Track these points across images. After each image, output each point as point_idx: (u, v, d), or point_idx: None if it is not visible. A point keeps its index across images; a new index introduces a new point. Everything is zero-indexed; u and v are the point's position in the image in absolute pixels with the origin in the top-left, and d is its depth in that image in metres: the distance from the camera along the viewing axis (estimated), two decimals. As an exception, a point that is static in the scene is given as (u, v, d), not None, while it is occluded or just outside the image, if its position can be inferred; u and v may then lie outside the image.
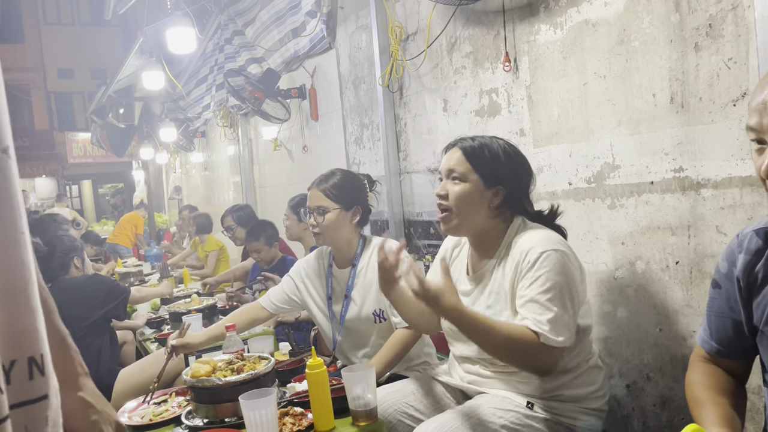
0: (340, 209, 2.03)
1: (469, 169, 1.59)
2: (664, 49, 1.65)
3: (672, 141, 1.67)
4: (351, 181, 2.09)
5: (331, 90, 3.74)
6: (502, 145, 1.63)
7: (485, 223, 1.61)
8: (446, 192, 1.61)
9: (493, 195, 1.59)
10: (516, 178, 1.63)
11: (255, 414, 1.43)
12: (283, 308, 2.20)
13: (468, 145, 1.62)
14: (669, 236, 1.71)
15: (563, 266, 1.47)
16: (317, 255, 2.22)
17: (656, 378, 1.79)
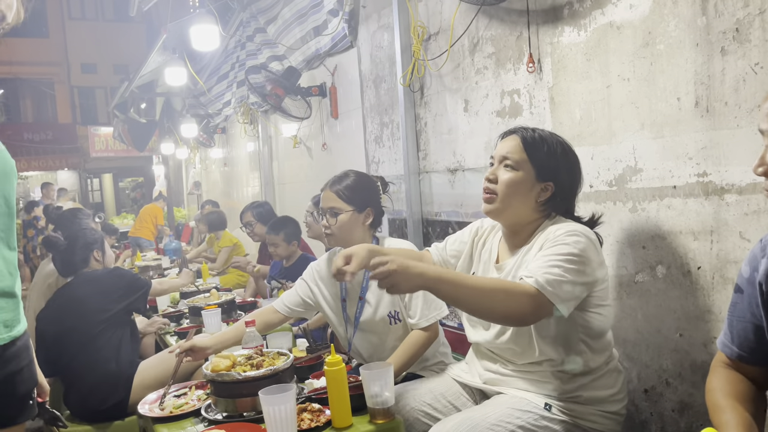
0: (353, 211, 2.04)
1: (524, 159, 1.58)
2: (690, 52, 1.64)
3: (696, 145, 1.65)
4: (364, 182, 2.10)
5: (351, 88, 3.76)
6: (560, 141, 1.63)
7: (527, 215, 1.60)
8: (495, 177, 1.60)
9: (542, 189, 1.59)
10: (568, 177, 1.62)
11: (274, 409, 1.45)
12: (297, 311, 2.20)
13: (528, 134, 1.62)
14: (691, 241, 1.69)
15: (585, 249, 1.46)
16: (329, 256, 2.23)
17: (675, 383, 1.78)
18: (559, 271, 1.41)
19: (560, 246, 1.46)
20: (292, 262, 3.39)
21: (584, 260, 1.45)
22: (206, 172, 8.95)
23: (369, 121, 3.54)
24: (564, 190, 1.60)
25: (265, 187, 5.73)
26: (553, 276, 1.40)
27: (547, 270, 1.41)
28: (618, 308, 1.94)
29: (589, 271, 1.47)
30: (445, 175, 2.85)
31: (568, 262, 1.43)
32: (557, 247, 1.46)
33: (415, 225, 3.05)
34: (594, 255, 1.49)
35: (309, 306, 2.22)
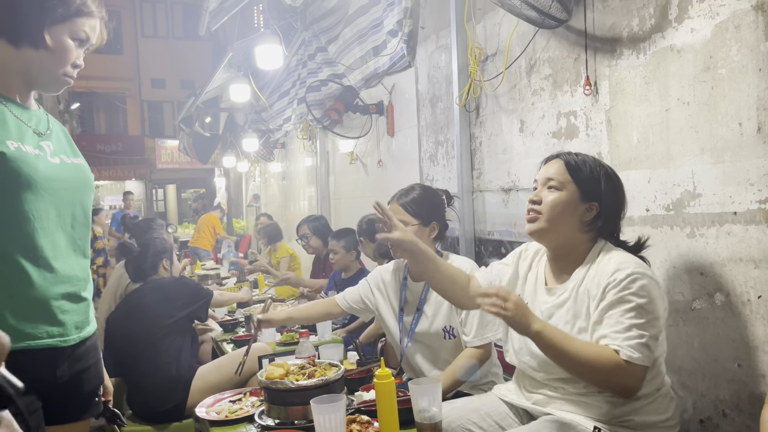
0: (419, 225, 2.09)
1: (567, 179, 1.61)
2: (753, 77, 1.62)
3: (758, 171, 1.62)
4: (430, 196, 2.15)
5: (408, 107, 3.82)
6: (603, 164, 1.66)
7: (572, 236, 1.61)
8: (540, 198, 1.63)
9: (586, 209, 1.60)
10: (613, 198, 1.63)
11: (325, 418, 1.50)
12: (354, 308, 2.29)
13: (571, 158, 1.65)
14: (752, 269, 1.65)
15: (650, 291, 1.47)
16: (395, 266, 2.29)
17: (732, 415, 1.73)
18: (638, 332, 1.43)
19: (626, 299, 1.46)
20: (350, 275, 3.47)
21: (653, 306, 1.47)
22: (265, 185, 9.20)
23: (424, 140, 3.59)
24: (609, 210, 1.61)
25: (321, 201, 5.85)
26: (636, 341, 1.42)
27: (626, 337, 1.42)
28: (674, 335, 1.90)
29: (660, 314, 1.49)
30: (498, 194, 2.86)
31: (640, 316, 1.44)
32: (624, 303, 1.46)
33: (467, 243, 3.07)
34: (657, 292, 1.49)
35: (367, 307, 2.29)
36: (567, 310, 1.58)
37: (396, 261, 2.29)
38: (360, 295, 2.28)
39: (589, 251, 1.61)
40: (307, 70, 5.43)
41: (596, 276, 1.53)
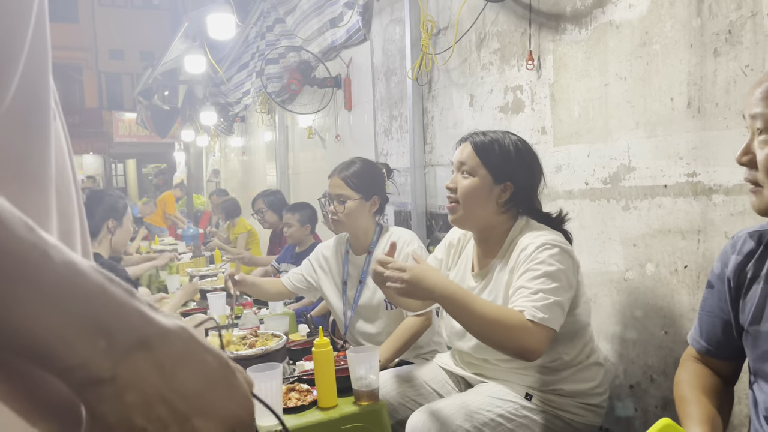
0: (360, 199, 2.10)
1: (478, 164, 1.61)
2: (684, 53, 1.66)
3: (687, 145, 1.67)
4: (371, 170, 2.15)
5: (364, 81, 3.80)
6: (513, 140, 1.64)
7: (492, 218, 1.63)
8: (455, 185, 1.64)
9: (501, 191, 1.61)
10: (526, 175, 1.64)
11: (261, 386, 1.51)
12: (300, 288, 2.31)
13: (479, 140, 1.64)
14: (679, 240, 1.71)
15: (560, 259, 1.47)
16: (336, 241, 2.30)
17: (659, 380, 1.80)
18: (543, 294, 1.42)
19: (534, 268, 1.46)
20: (304, 248, 3.47)
21: (562, 274, 1.46)
22: (225, 160, 9.07)
23: (379, 114, 3.58)
24: (523, 187, 1.61)
25: (281, 176, 5.81)
26: (541, 302, 1.40)
27: (534, 299, 1.41)
28: (608, 305, 1.96)
29: (569, 282, 1.48)
30: (449, 169, 2.87)
31: (546, 282, 1.43)
32: (531, 270, 1.46)
33: (419, 217, 3.09)
34: (569, 262, 1.49)
35: (311, 285, 2.30)
36: (489, 292, 1.61)
37: (337, 236, 2.30)
38: (303, 275, 2.29)
39: (509, 231, 1.63)
40: (265, 42, 5.34)
41: (516, 254, 1.56)
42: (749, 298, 1.07)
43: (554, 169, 2.13)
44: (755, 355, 1.06)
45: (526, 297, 1.43)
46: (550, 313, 1.40)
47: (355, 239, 2.19)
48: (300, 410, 1.61)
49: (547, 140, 2.18)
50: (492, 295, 1.60)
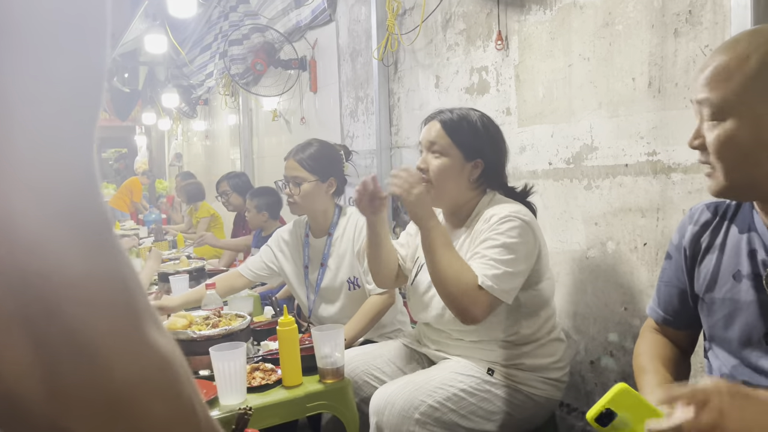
0: (316, 181, 2.07)
1: (449, 143, 1.61)
2: (646, 33, 1.68)
3: (647, 125, 1.70)
4: (327, 151, 2.13)
5: (330, 62, 3.76)
6: (479, 116, 1.65)
7: (463, 195, 1.64)
8: (426, 166, 1.64)
9: (472, 168, 1.62)
10: (494, 151, 1.65)
11: (224, 365, 1.49)
12: (260, 275, 2.27)
13: (447, 118, 1.64)
14: (639, 218, 1.75)
15: (520, 232, 1.49)
16: (295, 225, 2.28)
17: (618, 355, 1.85)
18: (497, 265, 1.44)
19: (494, 237, 1.48)
20: (269, 233, 3.42)
21: (520, 246, 1.48)
22: (188, 144, 8.90)
23: (345, 96, 3.55)
24: (493, 163, 1.63)
25: (245, 160, 5.72)
26: (494, 271, 1.44)
27: (488, 267, 1.44)
28: (570, 283, 2.00)
29: (528, 254, 1.50)
30: (416, 150, 2.87)
31: (503, 253, 1.46)
32: (491, 240, 1.49)
33: (385, 199, 3.08)
34: (529, 237, 1.51)
35: (272, 271, 2.27)
36: None
37: (295, 219, 2.28)
38: (263, 262, 2.26)
39: (477, 205, 1.64)
40: (228, 23, 5.22)
41: (479, 225, 1.58)
42: (704, 267, 1.10)
43: (519, 150, 2.15)
44: (710, 321, 1.10)
45: (481, 263, 1.46)
46: (500, 284, 1.43)
47: (314, 222, 2.17)
48: (264, 389, 1.60)
49: (511, 121, 2.19)
50: None
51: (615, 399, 0.92)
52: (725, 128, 0.92)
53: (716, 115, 0.93)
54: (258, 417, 1.48)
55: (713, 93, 0.93)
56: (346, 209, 2.16)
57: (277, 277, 2.39)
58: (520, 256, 1.48)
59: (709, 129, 0.95)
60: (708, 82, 0.94)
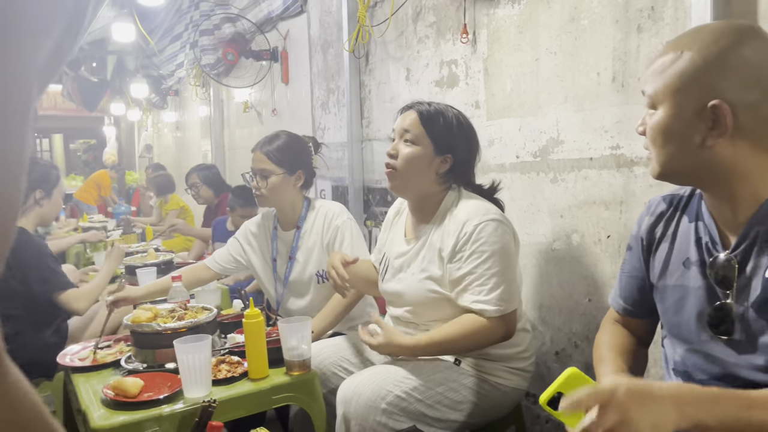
0: (283, 173, 2.06)
1: (422, 133, 1.62)
2: (610, 28, 1.70)
3: (612, 119, 1.73)
4: (295, 144, 2.11)
5: (301, 54, 3.73)
6: (455, 114, 1.66)
7: (428, 188, 1.65)
8: (396, 152, 1.64)
9: (441, 162, 1.63)
10: (465, 148, 1.66)
11: (188, 358, 1.48)
12: (228, 268, 2.25)
13: (424, 109, 1.65)
14: (603, 211, 1.78)
15: (500, 235, 1.52)
16: (263, 217, 2.26)
17: (582, 345, 1.88)
18: (494, 282, 1.50)
19: (479, 250, 1.51)
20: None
21: (506, 247, 1.53)
22: (158, 135, 8.76)
23: (316, 87, 3.53)
24: (462, 161, 1.64)
25: (216, 151, 5.66)
26: (495, 293, 1.49)
27: (487, 292, 1.50)
28: (536, 275, 2.02)
29: (513, 254, 1.56)
30: (386, 143, 2.87)
31: (494, 265, 1.50)
32: (476, 254, 1.51)
33: (356, 192, 3.08)
34: (507, 235, 1.55)
35: (240, 264, 2.25)
36: (422, 259, 1.63)
37: (265, 211, 2.27)
38: (231, 254, 2.24)
39: (443, 200, 1.65)
40: (199, 12, 5.15)
41: (449, 224, 1.58)
42: (658, 256, 1.13)
43: (487, 143, 2.16)
44: (663, 308, 1.13)
45: (479, 289, 1.51)
46: (506, 302, 1.50)
47: (282, 214, 2.16)
48: (230, 382, 1.59)
49: (480, 114, 2.20)
50: (426, 259, 1.62)
51: (566, 383, 0.94)
52: (655, 117, 1.00)
53: (651, 105, 1.01)
54: (223, 409, 1.47)
55: (650, 85, 1.01)
56: (314, 202, 2.15)
57: (244, 270, 2.38)
58: (508, 259, 1.53)
59: (648, 117, 1.02)
60: (650, 74, 1.01)
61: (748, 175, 0.96)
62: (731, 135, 0.93)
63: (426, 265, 1.61)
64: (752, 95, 0.92)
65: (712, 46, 0.94)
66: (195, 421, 1.41)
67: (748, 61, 0.92)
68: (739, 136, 0.94)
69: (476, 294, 1.51)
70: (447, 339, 1.52)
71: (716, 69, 0.93)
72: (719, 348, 1.02)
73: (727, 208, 1.00)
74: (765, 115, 0.94)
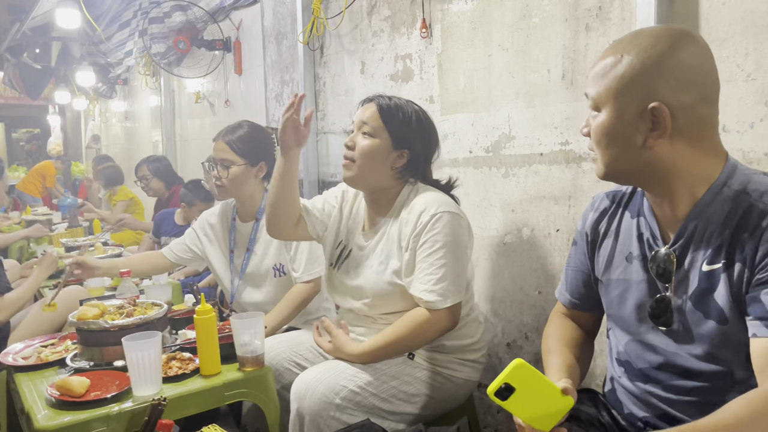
0: (245, 164, 2.04)
1: (381, 127, 1.61)
2: (560, 27, 1.74)
3: (561, 115, 1.77)
4: (258, 135, 2.09)
5: (255, 44, 3.67)
6: (415, 110, 1.66)
7: (384, 181, 1.65)
8: (354, 144, 1.64)
9: (397, 157, 1.63)
10: (423, 144, 1.66)
11: (137, 355, 1.44)
12: (184, 258, 2.22)
13: (384, 102, 1.64)
14: (553, 205, 1.82)
15: (452, 226, 1.54)
16: (222, 208, 2.23)
17: (533, 337, 1.93)
18: (443, 272, 1.51)
19: (431, 239, 1.53)
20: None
21: (457, 240, 1.55)
22: (106, 125, 8.49)
23: (270, 79, 3.49)
24: (419, 157, 1.65)
25: (167, 143, 5.53)
26: (442, 284, 1.51)
27: (434, 282, 1.52)
28: (488, 268, 2.06)
29: (465, 247, 1.58)
30: (341, 136, 2.87)
31: (445, 256, 1.52)
32: (428, 243, 1.53)
33: (311, 186, 3.07)
34: (462, 228, 1.57)
35: (196, 255, 2.22)
36: (381, 251, 1.64)
37: (222, 203, 2.24)
38: (187, 245, 2.21)
39: (399, 194, 1.66)
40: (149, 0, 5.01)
41: (407, 217, 1.59)
42: (602, 251, 1.17)
43: (441, 138, 2.14)
44: (607, 301, 1.17)
45: (427, 279, 1.52)
46: (452, 294, 1.53)
47: (241, 205, 2.14)
48: (181, 379, 1.57)
49: (434, 109, 2.22)
50: (384, 252, 1.62)
51: (512, 374, 0.97)
52: (599, 119, 1.02)
53: (594, 107, 1.04)
54: (174, 407, 1.45)
55: (592, 88, 1.03)
56: None
57: (200, 261, 2.34)
58: (460, 252, 1.55)
59: (592, 119, 1.05)
60: (592, 77, 1.04)
61: (685, 173, 1.00)
62: (670, 135, 0.97)
63: (384, 258, 1.62)
64: (688, 97, 0.96)
65: (650, 50, 0.96)
66: (144, 420, 1.38)
67: (684, 64, 0.96)
68: (677, 137, 0.97)
69: (424, 283, 1.52)
70: (394, 339, 1.55)
71: (655, 72, 0.96)
72: (659, 338, 1.07)
73: (667, 204, 1.04)
74: (700, 115, 0.98)
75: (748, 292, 0.95)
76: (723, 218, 0.98)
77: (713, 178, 1.00)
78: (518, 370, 0.97)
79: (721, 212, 0.98)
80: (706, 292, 0.99)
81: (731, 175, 0.99)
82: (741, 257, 0.95)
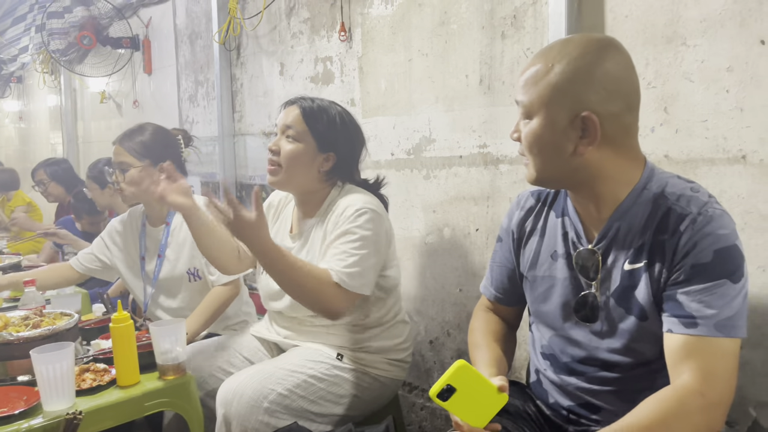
0: (144, 167, 1.96)
1: (305, 130, 1.59)
2: (477, 34, 1.81)
3: (479, 119, 1.83)
4: (161, 137, 2.01)
5: (166, 43, 3.55)
6: (339, 111, 1.65)
7: (311, 185, 1.64)
8: (278, 148, 1.61)
9: (324, 160, 1.62)
10: (349, 146, 1.66)
11: (47, 368, 1.35)
12: (92, 269, 2.12)
13: (308, 105, 1.62)
14: (472, 206, 1.88)
15: (374, 224, 1.54)
16: (130, 213, 2.14)
17: (455, 333, 1.98)
18: (355, 260, 1.48)
19: (351, 231, 1.51)
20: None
21: (376, 238, 1.53)
22: (-2, 126, 7.89)
23: (183, 79, 3.38)
24: (346, 158, 1.64)
25: (68, 145, 5.21)
26: (352, 269, 1.47)
27: (345, 264, 1.47)
28: (411, 268, 2.10)
29: (381, 246, 1.57)
30: (260, 138, 2.82)
31: (361, 247, 1.50)
32: (348, 234, 1.51)
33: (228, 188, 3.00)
34: (382, 227, 1.57)
35: (105, 264, 2.12)
36: (306, 252, 1.64)
37: (131, 209, 2.15)
38: (94, 254, 2.10)
39: (328, 195, 1.66)
40: (46, -7, 4.71)
41: (333, 217, 1.59)
42: (528, 249, 1.22)
43: (362, 140, 2.20)
44: (532, 297, 1.22)
45: (339, 258, 1.48)
46: (357, 280, 1.48)
47: (150, 209, 2.05)
48: (96, 391, 1.48)
49: (356, 112, 2.22)
50: (309, 255, 1.62)
51: (455, 375, 0.99)
52: (531, 126, 1.05)
53: (526, 114, 1.06)
54: (90, 420, 1.37)
55: (524, 95, 1.06)
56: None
57: (109, 271, 2.22)
58: (375, 249, 1.53)
59: (523, 126, 1.08)
60: (523, 85, 1.07)
61: (610, 177, 1.06)
62: (598, 143, 1.02)
63: (309, 260, 1.61)
64: (615, 106, 1.01)
65: (580, 60, 1.01)
66: (58, 436, 1.30)
67: (612, 75, 1.01)
68: (604, 143, 1.03)
69: (334, 262, 1.49)
70: (299, 268, 1.41)
71: (586, 82, 1.00)
72: (582, 333, 1.13)
73: (592, 206, 1.10)
74: (625, 123, 1.04)
75: (665, 290, 1.02)
76: (644, 220, 1.04)
77: (634, 181, 1.06)
78: (460, 372, 0.99)
79: (642, 214, 1.05)
80: (628, 290, 1.06)
81: (650, 178, 1.06)
82: (661, 258, 1.02)
